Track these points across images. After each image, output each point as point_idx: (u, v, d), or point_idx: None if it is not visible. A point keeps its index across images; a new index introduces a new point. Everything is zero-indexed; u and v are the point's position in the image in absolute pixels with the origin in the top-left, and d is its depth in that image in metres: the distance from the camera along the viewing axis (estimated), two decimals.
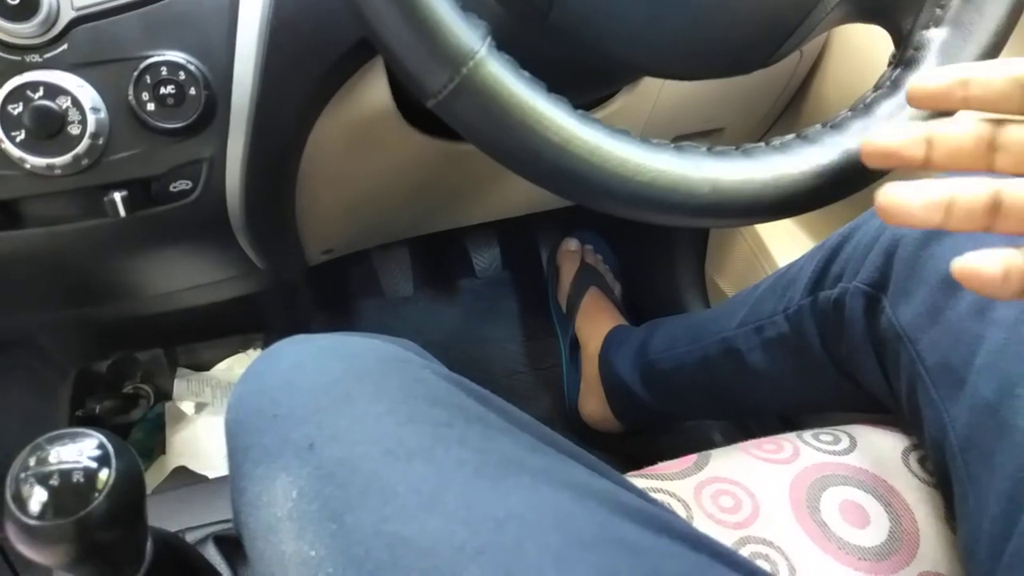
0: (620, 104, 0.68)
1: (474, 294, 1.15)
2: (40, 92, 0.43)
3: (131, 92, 0.45)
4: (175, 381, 0.84)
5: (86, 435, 0.30)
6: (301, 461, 0.34)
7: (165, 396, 0.84)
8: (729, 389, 0.72)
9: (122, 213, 0.47)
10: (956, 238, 0.46)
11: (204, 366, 0.86)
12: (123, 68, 0.45)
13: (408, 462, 0.33)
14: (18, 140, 0.44)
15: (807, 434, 0.53)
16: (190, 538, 0.51)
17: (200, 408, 0.83)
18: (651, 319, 0.88)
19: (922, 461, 0.49)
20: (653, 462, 0.52)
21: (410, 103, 0.59)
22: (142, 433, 0.82)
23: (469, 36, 0.33)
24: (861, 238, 0.54)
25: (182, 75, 0.46)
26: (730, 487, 0.49)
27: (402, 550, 0.30)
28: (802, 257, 0.62)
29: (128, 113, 0.46)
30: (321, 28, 0.49)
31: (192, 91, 0.46)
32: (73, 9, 0.44)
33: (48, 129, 0.44)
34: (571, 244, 1.11)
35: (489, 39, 0.33)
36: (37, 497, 0.28)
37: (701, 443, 0.89)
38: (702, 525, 0.46)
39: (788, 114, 0.83)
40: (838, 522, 0.46)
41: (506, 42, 0.34)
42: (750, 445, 0.53)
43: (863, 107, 0.38)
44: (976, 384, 0.42)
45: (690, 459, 0.52)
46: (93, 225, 0.50)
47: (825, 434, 0.53)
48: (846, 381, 0.57)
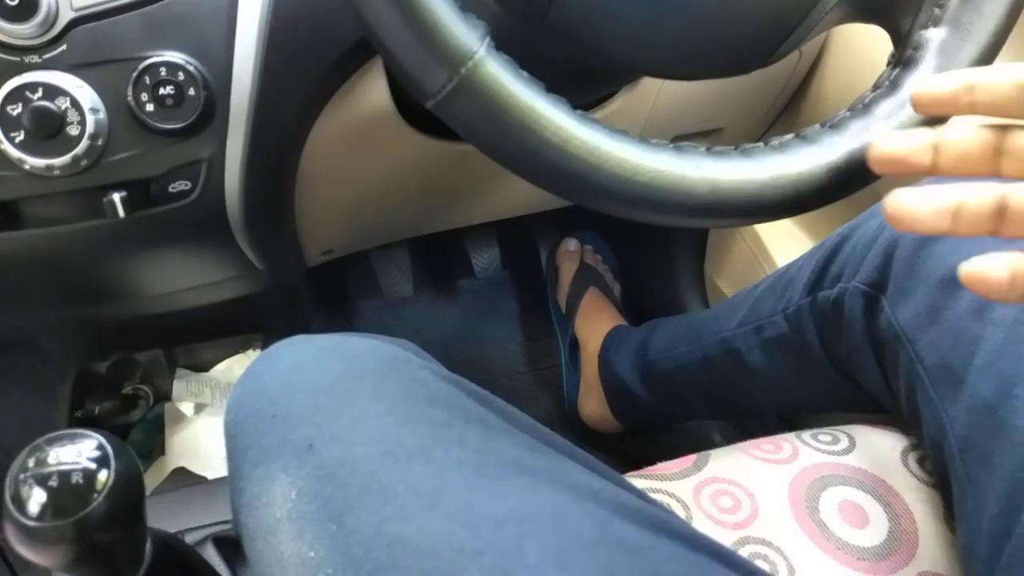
0: (619, 104, 0.68)
1: (473, 294, 1.15)
2: (39, 93, 0.43)
3: (130, 93, 0.45)
4: (174, 382, 0.84)
5: (85, 436, 0.30)
6: (300, 462, 0.34)
7: (164, 397, 0.84)
8: (728, 389, 0.72)
9: (121, 214, 0.47)
10: (955, 239, 0.46)
11: (203, 367, 0.86)
12: (122, 69, 0.45)
13: (407, 463, 0.33)
14: (17, 141, 0.44)
15: (806, 434, 0.53)
16: (189, 539, 0.51)
17: (199, 409, 0.83)
18: (650, 319, 0.88)
19: (921, 461, 0.49)
20: (652, 462, 0.52)
21: (409, 103, 0.59)
22: (141, 434, 0.82)
23: (468, 36, 0.33)
24: (860, 238, 0.54)
25: (181, 75, 0.46)
26: (729, 487, 0.49)
27: (401, 551, 0.30)
28: (801, 257, 0.62)
29: (127, 114, 0.46)
30: (320, 28, 0.49)
31: (191, 91, 0.46)
32: (72, 10, 0.44)
33: (47, 130, 0.44)
34: (570, 244, 1.11)
35: (488, 39, 0.33)
36: (36, 498, 0.28)
37: (700, 443, 0.89)
38: (701, 525, 0.46)
39: (787, 114, 0.83)
40: (837, 522, 0.46)
41: (505, 42, 0.34)
42: (749, 445, 0.53)
43: (862, 107, 0.38)
44: (975, 384, 0.42)
45: (689, 459, 0.52)
46: (92, 226, 0.50)
47: (824, 434, 0.53)
48: (845, 381, 0.57)
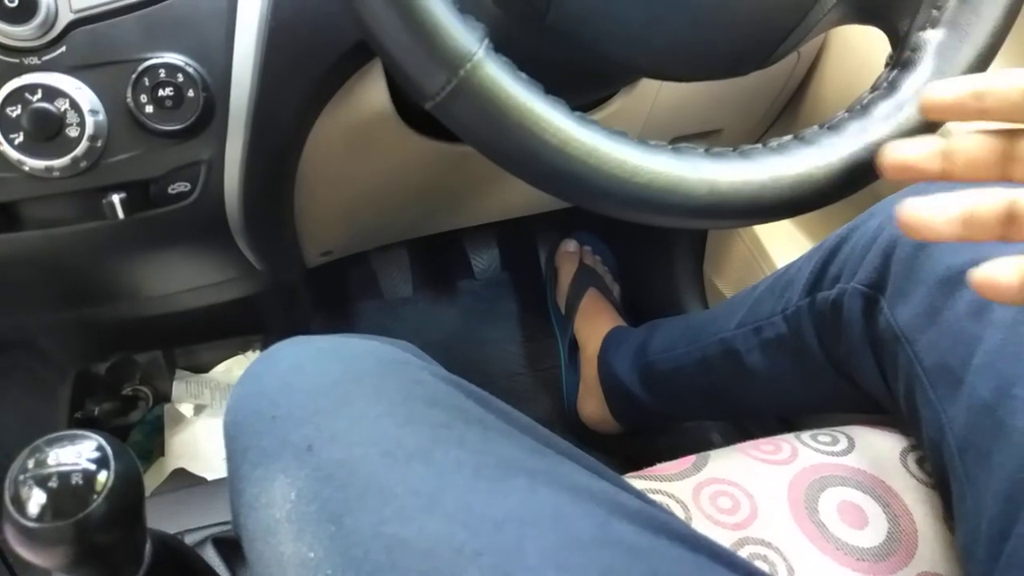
0: (618, 105, 0.68)
1: (473, 295, 1.15)
2: (38, 94, 0.43)
3: (129, 94, 0.45)
4: (174, 383, 0.84)
5: (85, 437, 0.30)
6: (300, 463, 0.34)
7: (164, 398, 0.84)
8: (727, 390, 0.72)
9: (121, 215, 0.47)
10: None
11: (203, 368, 0.86)
12: (121, 70, 0.45)
13: (407, 463, 0.33)
14: (17, 142, 0.44)
15: (805, 435, 0.53)
16: (189, 540, 0.51)
17: (199, 410, 0.83)
18: (650, 320, 0.88)
19: (920, 462, 0.49)
20: (652, 463, 0.52)
21: (409, 105, 0.59)
22: (141, 435, 0.82)
23: (466, 38, 0.33)
24: (859, 239, 0.54)
25: (180, 77, 0.46)
26: (728, 488, 0.49)
27: (401, 552, 0.30)
28: (800, 258, 0.62)
29: (126, 115, 0.46)
30: (319, 30, 0.49)
31: (190, 93, 0.46)
32: (71, 11, 0.44)
33: (46, 131, 0.44)
34: (570, 245, 1.11)
35: (487, 41, 0.33)
36: (36, 499, 0.28)
37: (700, 444, 0.89)
38: (700, 526, 0.46)
39: (786, 115, 0.83)
40: (836, 523, 0.46)
41: (504, 44, 0.34)
42: (748, 446, 0.53)
43: (860, 108, 0.38)
44: (974, 385, 0.42)
45: (689, 460, 0.52)
46: (92, 227, 0.50)
47: (823, 435, 0.53)
48: (844, 382, 0.57)
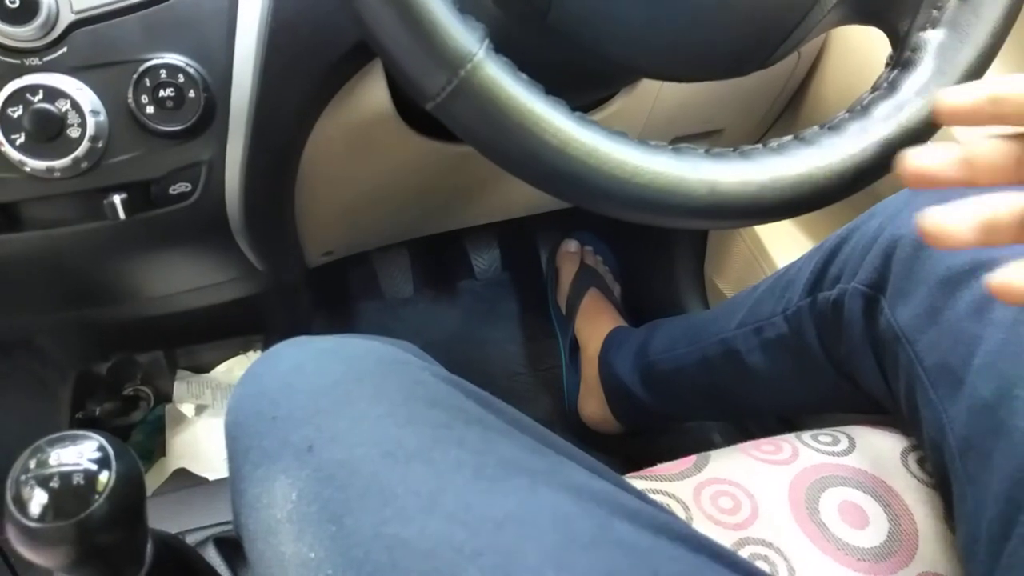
0: (618, 106, 0.68)
1: (474, 295, 1.15)
2: (40, 95, 0.43)
3: (130, 95, 0.45)
4: (175, 383, 0.84)
5: (86, 437, 0.30)
6: (300, 463, 0.34)
7: (165, 398, 0.84)
8: (728, 390, 0.72)
9: (122, 216, 0.48)
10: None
11: (204, 368, 0.86)
12: (122, 71, 0.45)
13: (407, 464, 0.33)
14: (18, 143, 0.44)
15: (806, 435, 0.53)
16: (190, 540, 0.51)
17: (200, 410, 0.83)
18: (651, 320, 0.88)
19: (921, 462, 0.49)
20: (652, 463, 0.52)
21: (409, 105, 0.59)
22: (142, 435, 0.82)
23: (467, 38, 0.33)
24: (859, 239, 0.54)
25: (181, 78, 0.46)
26: (729, 488, 0.49)
27: (401, 552, 0.30)
28: (801, 258, 0.62)
29: (127, 116, 0.46)
30: (320, 30, 0.49)
31: (191, 94, 0.46)
32: (72, 12, 0.44)
33: (48, 132, 0.44)
34: (570, 245, 1.11)
35: (487, 41, 0.33)
36: (37, 499, 0.28)
37: (700, 444, 0.89)
38: (701, 526, 0.46)
39: (786, 115, 0.83)
40: (837, 523, 0.46)
41: (504, 44, 0.34)
42: (749, 446, 0.53)
43: (860, 109, 0.38)
44: (974, 385, 0.42)
45: (689, 460, 0.52)
46: (93, 228, 0.50)
47: (824, 435, 0.53)
48: (845, 382, 0.57)
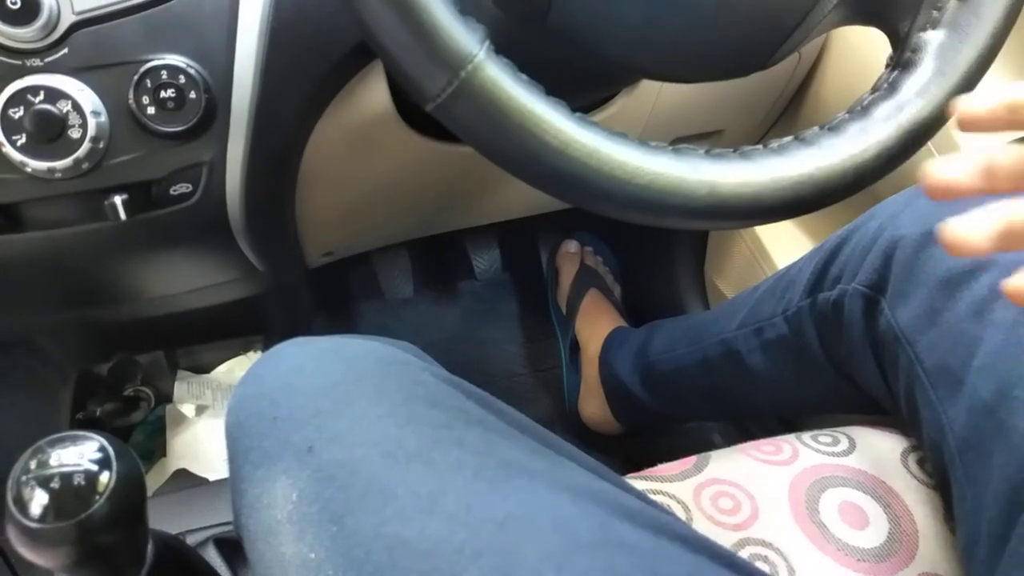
0: (619, 107, 0.68)
1: (474, 296, 1.15)
2: (41, 96, 0.43)
3: (131, 96, 0.45)
4: (175, 383, 0.84)
5: (87, 438, 0.30)
6: (301, 463, 0.35)
7: (166, 399, 0.84)
8: (728, 391, 0.72)
9: (122, 216, 0.48)
10: None
11: (204, 368, 0.86)
12: (123, 72, 0.45)
13: (407, 464, 0.33)
14: (19, 144, 0.44)
15: (806, 435, 0.53)
16: (191, 540, 0.51)
17: (200, 410, 0.83)
18: (651, 321, 0.88)
19: (921, 462, 0.49)
20: (653, 464, 0.53)
21: (410, 106, 0.59)
22: (143, 436, 0.82)
23: (467, 39, 0.33)
24: (860, 240, 0.54)
25: (182, 79, 0.46)
26: (729, 489, 0.49)
27: (402, 552, 0.30)
28: (801, 259, 0.62)
29: (128, 117, 0.46)
30: (321, 31, 0.49)
31: (192, 95, 0.46)
32: (73, 13, 0.44)
33: (49, 133, 0.44)
34: (571, 246, 1.11)
35: (487, 42, 0.33)
36: (38, 500, 0.28)
37: (701, 445, 0.89)
38: (701, 527, 0.46)
39: (787, 116, 0.83)
40: (837, 523, 0.46)
41: (504, 45, 0.34)
42: (749, 447, 0.53)
43: (860, 109, 0.38)
44: (974, 385, 0.42)
45: (690, 461, 0.52)
46: (93, 229, 0.50)
47: (824, 435, 0.53)
48: (845, 383, 0.57)
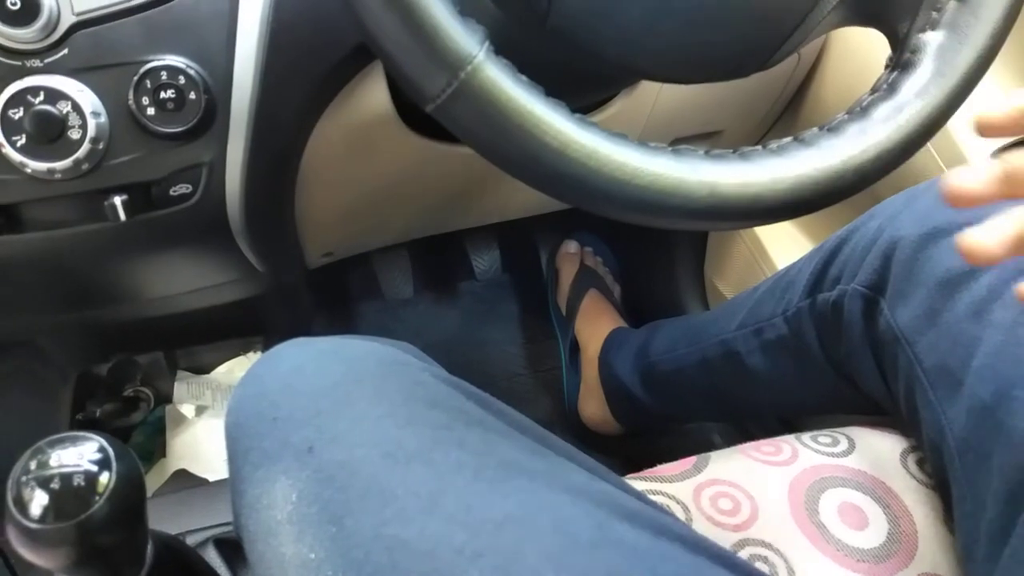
0: (618, 108, 0.68)
1: (474, 296, 1.15)
2: (40, 97, 0.43)
3: (131, 97, 0.45)
4: (175, 384, 0.84)
5: (87, 438, 0.30)
6: (301, 464, 0.35)
7: (165, 399, 0.84)
8: (728, 391, 0.72)
9: (122, 217, 0.48)
10: (953, 241, 0.46)
11: (204, 369, 0.86)
12: (123, 73, 0.45)
13: (407, 465, 0.33)
14: (19, 145, 0.44)
15: (806, 436, 0.53)
16: (190, 541, 0.51)
17: (200, 411, 0.83)
18: (651, 321, 0.88)
19: (920, 463, 0.49)
20: (652, 464, 0.53)
21: (409, 107, 0.59)
22: (142, 436, 0.82)
23: (467, 40, 0.33)
24: (859, 240, 0.54)
25: (182, 79, 0.46)
26: (729, 489, 0.49)
27: (401, 553, 0.30)
28: (801, 259, 0.62)
29: (128, 117, 0.46)
30: (320, 32, 0.49)
31: (192, 95, 0.46)
32: (73, 14, 0.44)
33: (49, 134, 0.44)
34: (570, 246, 1.11)
35: (487, 43, 0.33)
36: (38, 500, 0.28)
37: (700, 445, 0.89)
38: (701, 527, 0.46)
39: (786, 117, 0.83)
40: (837, 524, 0.46)
41: (504, 46, 0.34)
42: (749, 447, 0.53)
43: (859, 110, 0.38)
44: (973, 386, 0.42)
45: (689, 461, 0.52)
46: (93, 229, 0.50)
47: (824, 436, 0.53)
48: (844, 383, 0.57)
